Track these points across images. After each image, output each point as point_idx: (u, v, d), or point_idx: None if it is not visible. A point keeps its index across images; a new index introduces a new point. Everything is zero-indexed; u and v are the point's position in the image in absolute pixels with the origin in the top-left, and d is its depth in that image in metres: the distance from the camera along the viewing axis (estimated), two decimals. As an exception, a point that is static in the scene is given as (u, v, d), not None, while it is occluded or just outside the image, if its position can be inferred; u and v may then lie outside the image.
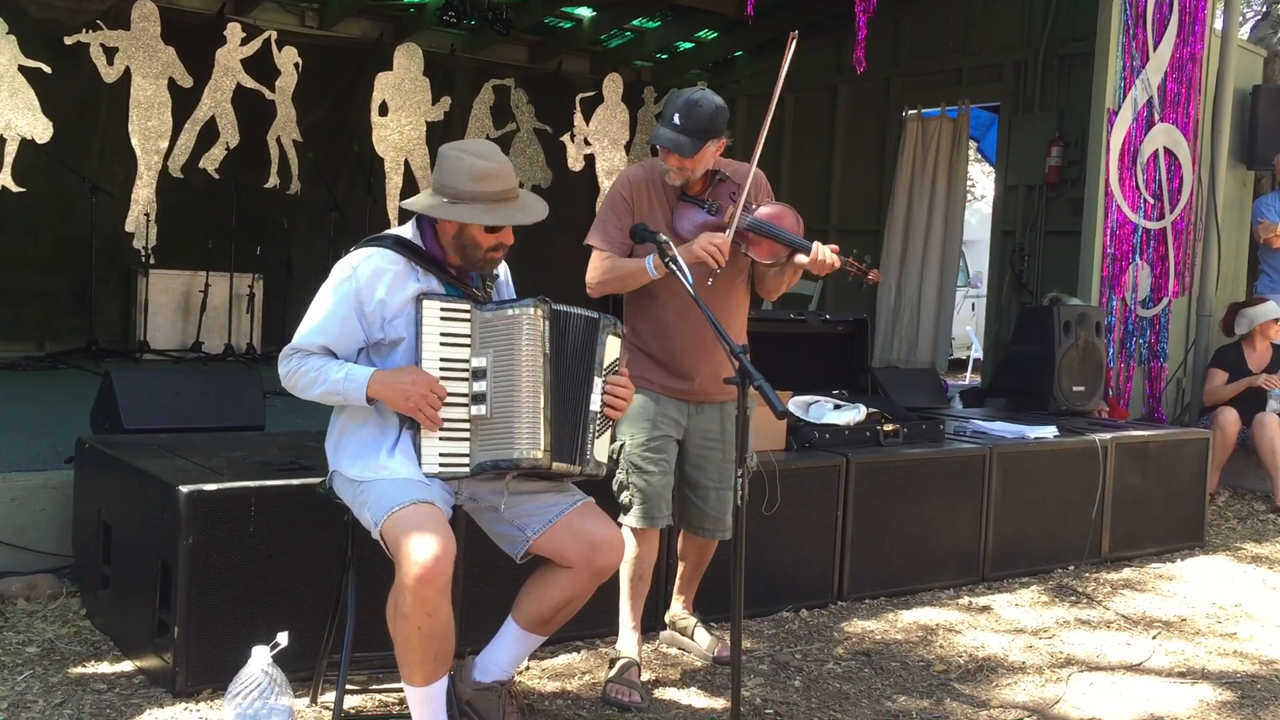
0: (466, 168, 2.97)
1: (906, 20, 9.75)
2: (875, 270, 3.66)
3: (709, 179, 3.64)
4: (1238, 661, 4.25)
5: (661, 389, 3.62)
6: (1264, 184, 8.63)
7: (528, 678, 3.66)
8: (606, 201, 3.71)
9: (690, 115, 3.47)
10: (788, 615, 4.48)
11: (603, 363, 3.08)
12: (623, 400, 3.13)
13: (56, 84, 8.19)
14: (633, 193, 3.65)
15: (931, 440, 5.13)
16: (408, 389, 2.87)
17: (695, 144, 3.48)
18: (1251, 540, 6.30)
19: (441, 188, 3.00)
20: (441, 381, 2.91)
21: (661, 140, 3.52)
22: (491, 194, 2.97)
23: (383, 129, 9.77)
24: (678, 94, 3.55)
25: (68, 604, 4.02)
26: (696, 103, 3.48)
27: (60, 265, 8.30)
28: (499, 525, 3.10)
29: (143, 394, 4.53)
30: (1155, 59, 7.34)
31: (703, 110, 3.47)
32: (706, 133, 3.49)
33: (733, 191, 3.62)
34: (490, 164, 3.00)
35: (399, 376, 2.89)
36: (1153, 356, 7.65)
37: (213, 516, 3.32)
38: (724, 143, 3.58)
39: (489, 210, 2.98)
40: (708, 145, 3.51)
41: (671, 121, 3.49)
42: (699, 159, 3.52)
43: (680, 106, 3.49)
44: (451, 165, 2.99)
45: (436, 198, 3.01)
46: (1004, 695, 3.78)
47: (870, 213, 10.20)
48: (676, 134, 3.48)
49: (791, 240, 3.55)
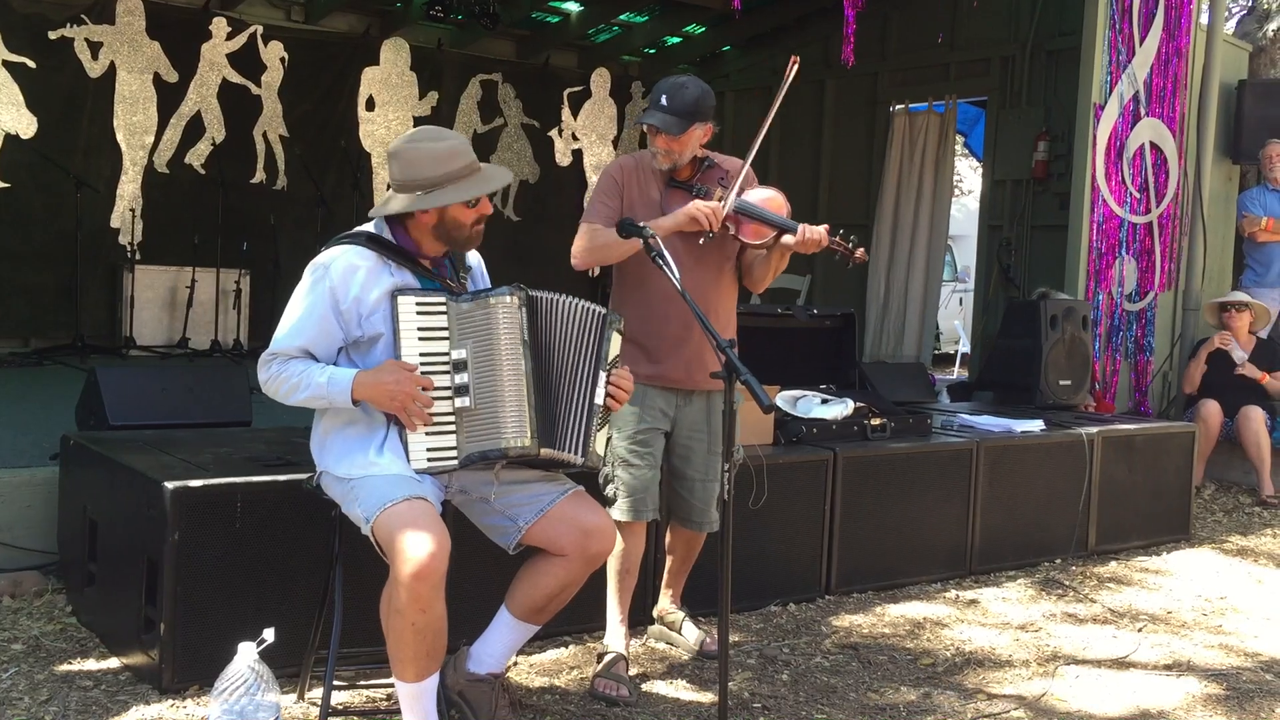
0: (428, 155, 2.97)
1: (894, 15, 9.76)
2: (861, 249, 3.70)
3: (697, 165, 3.68)
4: (1224, 654, 4.27)
5: (648, 380, 3.62)
6: (1249, 178, 8.67)
7: (516, 673, 3.66)
8: (598, 185, 3.75)
9: (677, 96, 3.53)
10: (775, 609, 4.48)
11: (608, 357, 3.09)
12: (625, 393, 3.15)
13: (41, 79, 8.14)
14: (624, 176, 3.69)
15: (919, 434, 5.14)
16: (392, 388, 2.86)
17: (682, 124, 3.53)
18: (1237, 533, 6.33)
19: (409, 183, 2.98)
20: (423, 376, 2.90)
21: (649, 119, 3.57)
22: (461, 170, 2.98)
23: (370, 124, 9.74)
24: (665, 78, 3.62)
25: (53, 601, 4.00)
26: (683, 85, 3.56)
27: (46, 261, 8.26)
28: (490, 517, 3.09)
29: (128, 390, 4.51)
30: (1141, 54, 7.37)
31: (689, 92, 3.54)
32: (694, 114, 3.53)
33: (721, 177, 3.66)
34: (447, 143, 3.01)
35: (381, 376, 2.88)
36: (1139, 350, 7.68)
37: (199, 513, 3.31)
38: (710, 128, 3.62)
39: (465, 185, 2.98)
40: (694, 128, 3.55)
41: (659, 103, 3.55)
42: (686, 140, 3.57)
43: (667, 89, 3.56)
44: (411, 158, 2.98)
45: (408, 195, 2.98)
46: (991, 689, 3.79)
47: (858, 207, 10.21)
48: (664, 114, 3.53)
49: (779, 221, 3.59)
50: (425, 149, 2.98)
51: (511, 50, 10.66)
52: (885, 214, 9.87)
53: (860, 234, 10.96)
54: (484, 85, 10.37)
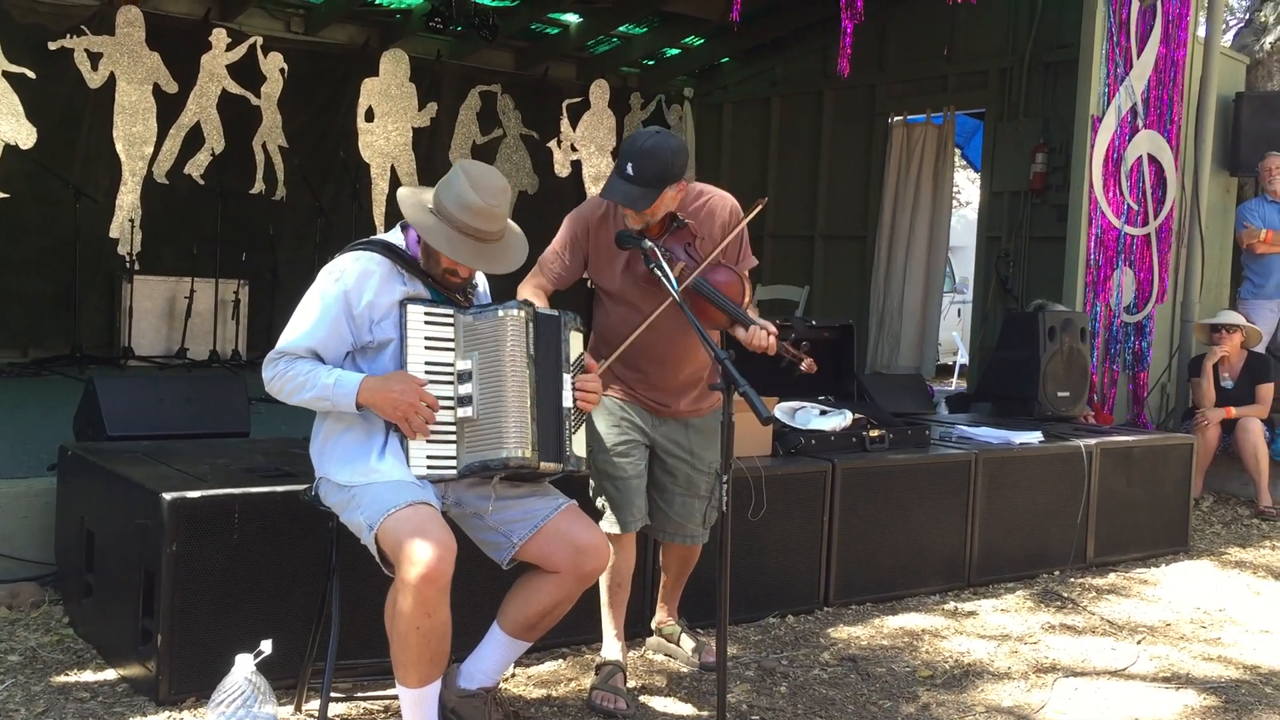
0: (459, 193, 2.97)
1: (892, 26, 9.78)
2: (810, 360, 3.50)
3: (667, 223, 3.51)
4: (1222, 667, 4.26)
5: (624, 395, 3.61)
6: (1247, 190, 8.68)
7: (513, 684, 3.66)
8: (561, 232, 3.62)
9: (644, 166, 3.32)
10: (774, 621, 4.48)
11: (569, 359, 3.11)
12: (593, 393, 3.14)
13: (41, 89, 8.14)
14: (589, 231, 3.57)
15: (917, 446, 5.14)
16: (396, 398, 2.87)
17: (649, 194, 3.35)
18: (1236, 545, 6.33)
19: (435, 198, 3.01)
20: (427, 386, 2.91)
21: (613, 195, 3.39)
22: (468, 228, 2.97)
23: (369, 135, 9.75)
24: (632, 140, 3.41)
25: (50, 612, 4.00)
26: (649, 152, 3.33)
27: (44, 271, 8.25)
28: (484, 532, 3.10)
29: (126, 400, 4.51)
30: (1139, 66, 7.38)
31: (657, 160, 3.32)
32: (662, 181, 3.35)
33: (688, 242, 3.53)
34: (482, 201, 2.97)
35: (389, 384, 2.89)
36: (1137, 362, 7.68)
37: (196, 524, 3.30)
38: (684, 185, 3.46)
39: (453, 242, 2.97)
40: (665, 193, 3.38)
41: (625, 172, 3.35)
42: (655, 208, 3.41)
43: (634, 156, 3.34)
44: (452, 182, 3.00)
45: (423, 205, 3.02)
46: (989, 701, 3.79)
47: (857, 219, 10.23)
48: (629, 185, 3.34)
49: (733, 311, 3.46)
50: (463, 188, 2.96)
51: (510, 61, 10.67)
52: (884, 226, 9.88)
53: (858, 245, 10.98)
54: (483, 96, 10.38)
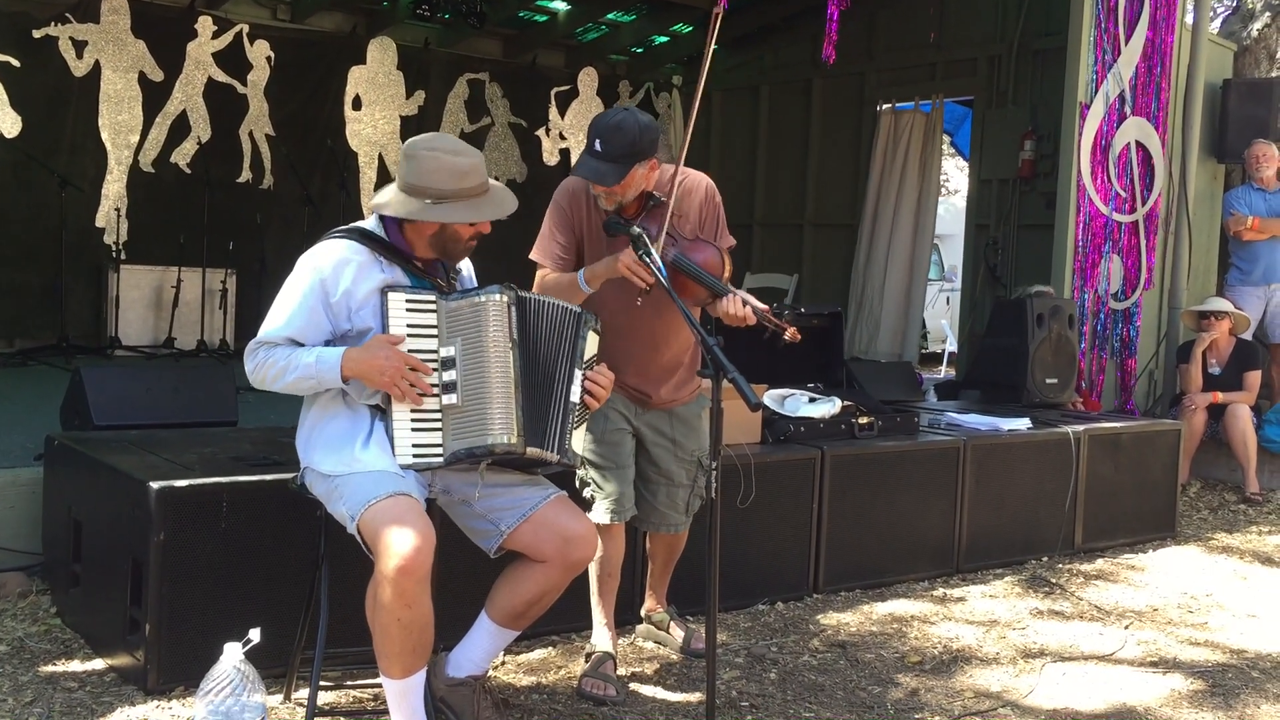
0: (447, 167, 2.96)
1: (880, 14, 9.78)
2: (794, 329, 3.48)
3: (643, 202, 3.48)
4: (1209, 651, 4.28)
5: None
6: (1234, 177, 8.70)
7: (503, 672, 3.66)
8: (548, 215, 3.60)
9: (611, 141, 3.30)
10: (763, 608, 4.49)
11: (584, 356, 3.10)
12: (603, 390, 3.15)
13: (25, 78, 8.09)
14: (571, 204, 3.55)
15: (906, 433, 5.15)
16: (382, 363, 2.86)
17: (619, 170, 3.32)
18: (1223, 530, 6.36)
19: (418, 188, 2.96)
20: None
21: (583, 172, 3.36)
22: (472, 190, 2.99)
23: (356, 123, 9.71)
24: (600, 117, 3.38)
25: (38, 602, 3.98)
26: (617, 126, 3.31)
27: (30, 261, 8.21)
28: (472, 520, 3.09)
29: (113, 390, 4.49)
30: (1127, 53, 7.39)
31: (624, 134, 3.30)
32: (631, 157, 3.31)
33: (665, 220, 3.48)
34: (467, 159, 3.00)
35: (372, 352, 2.88)
36: (1125, 349, 7.71)
37: (184, 513, 3.29)
38: (655, 163, 3.42)
39: (473, 207, 2.99)
40: (635, 169, 3.34)
41: (593, 149, 3.32)
42: (626, 184, 3.37)
43: (601, 131, 3.32)
44: (428, 165, 2.97)
45: (416, 200, 2.97)
46: (977, 686, 3.80)
47: (845, 206, 10.23)
48: (599, 162, 3.32)
49: (712, 284, 3.44)
50: (445, 161, 2.97)
51: (498, 49, 10.64)
52: (867, 211, 9.89)
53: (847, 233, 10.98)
54: (471, 84, 10.35)
